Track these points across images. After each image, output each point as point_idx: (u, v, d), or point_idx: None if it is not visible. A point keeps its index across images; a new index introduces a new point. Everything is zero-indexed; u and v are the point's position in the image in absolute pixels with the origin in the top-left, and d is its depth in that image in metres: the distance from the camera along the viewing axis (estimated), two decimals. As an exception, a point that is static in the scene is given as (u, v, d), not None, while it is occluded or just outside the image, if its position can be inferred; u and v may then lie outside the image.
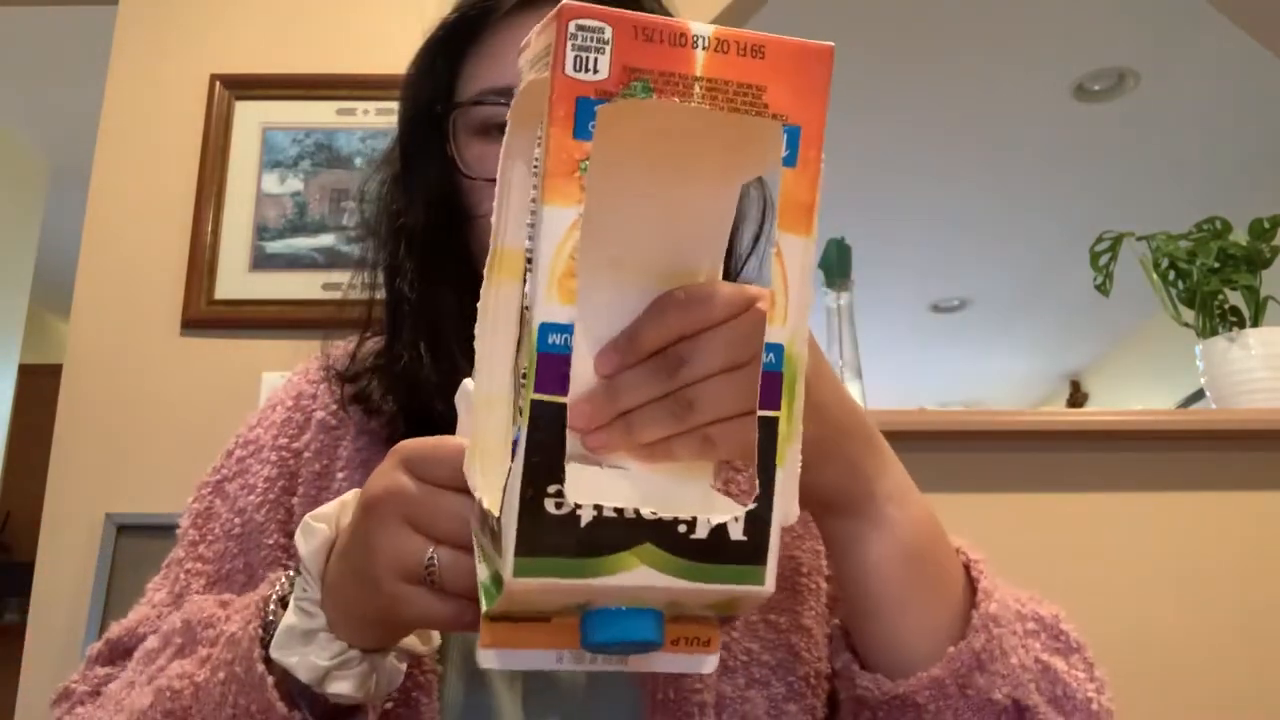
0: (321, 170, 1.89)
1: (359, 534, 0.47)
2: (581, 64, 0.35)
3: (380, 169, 0.75)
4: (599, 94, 0.35)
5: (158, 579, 0.70)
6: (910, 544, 0.53)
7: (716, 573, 0.37)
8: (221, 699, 0.52)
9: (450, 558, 0.44)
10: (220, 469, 0.73)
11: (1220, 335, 1.75)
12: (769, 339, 0.38)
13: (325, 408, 0.71)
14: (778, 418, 0.38)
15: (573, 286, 0.37)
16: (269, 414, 0.73)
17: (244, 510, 0.69)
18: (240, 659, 0.52)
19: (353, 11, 1.97)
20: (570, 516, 0.36)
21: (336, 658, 0.49)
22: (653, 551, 0.37)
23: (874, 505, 0.52)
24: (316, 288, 1.78)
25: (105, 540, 1.70)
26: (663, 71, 0.36)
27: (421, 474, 0.45)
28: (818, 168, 0.38)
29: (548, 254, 0.36)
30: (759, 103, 0.37)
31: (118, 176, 1.89)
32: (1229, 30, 2.42)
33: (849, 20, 2.82)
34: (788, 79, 0.37)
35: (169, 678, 0.55)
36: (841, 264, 1.79)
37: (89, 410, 1.78)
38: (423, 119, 0.70)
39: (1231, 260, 1.76)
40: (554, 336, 0.36)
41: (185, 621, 0.59)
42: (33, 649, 1.68)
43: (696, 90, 0.36)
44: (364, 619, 0.49)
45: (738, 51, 0.37)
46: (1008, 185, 3.75)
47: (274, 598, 0.53)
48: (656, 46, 0.36)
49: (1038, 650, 0.57)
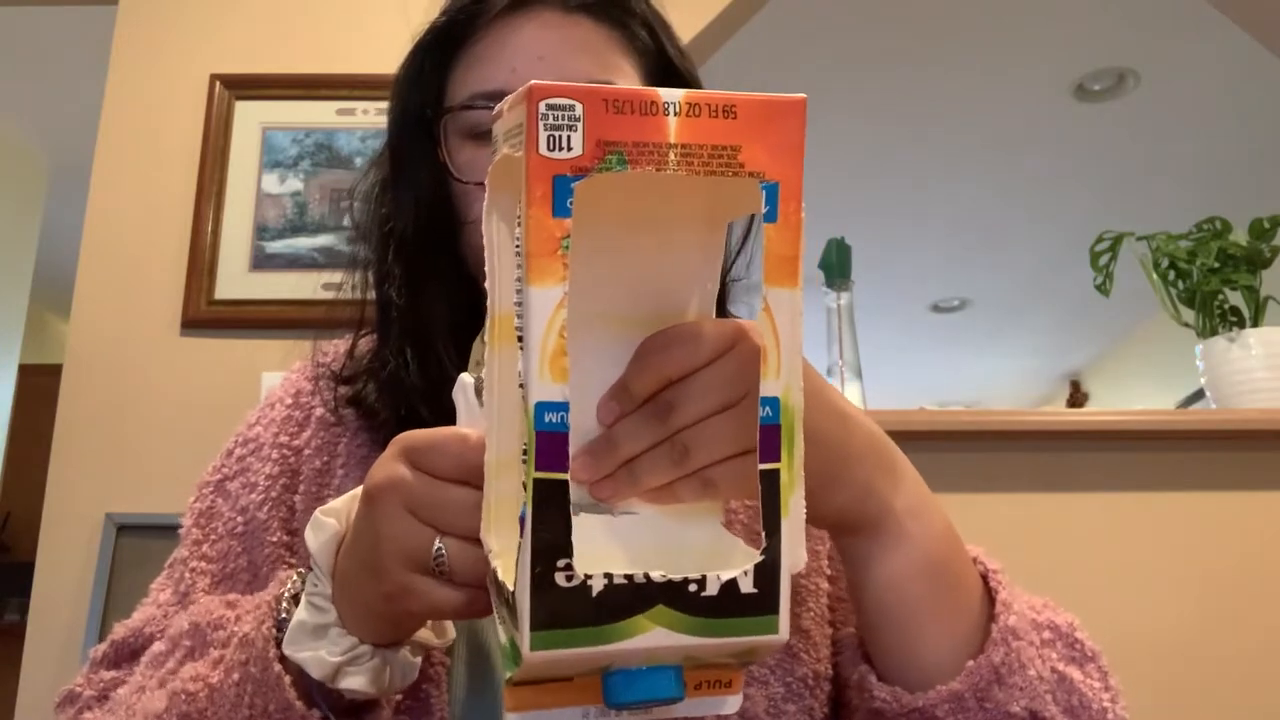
0: (321, 170, 1.89)
1: (364, 525, 0.47)
2: (555, 143, 0.36)
3: (372, 170, 0.75)
4: (575, 170, 0.36)
5: (161, 579, 0.70)
6: (928, 558, 0.53)
7: (730, 626, 0.38)
8: (238, 700, 0.52)
9: (458, 548, 0.44)
10: (221, 468, 0.73)
11: (1220, 335, 1.75)
12: (764, 393, 0.39)
13: (325, 404, 0.71)
14: (779, 469, 0.39)
15: (565, 365, 0.37)
16: (268, 412, 0.73)
17: (246, 509, 0.69)
18: (255, 659, 0.52)
19: (353, 11, 1.97)
20: (581, 588, 0.36)
21: (348, 653, 0.49)
22: (666, 612, 0.37)
23: (890, 522, 0.52)
24: (316, 288, 1.78)
25: (105, 540, 1.70)
26: (636, 142, 0.36)
27: (423, 465, 0.45)
28: (799, 220, 0.38)
29: (538, 333, 0.37)
30: (734, 163, 0.37)
31: (118, 176, 1.89)
32: (1229, 30, 2.42)
33: (849, 20, 2.82)
34: (762, 136, 0.38)
35: (182, 680, 0.55)
36: (841, 264, 1.79)
37: (89, 410, 1.78)
38: (412, 123, 0.70)
39: (1231, 260, 1.76)
40: (550, 415, 0.37)
41: (194, 624, 0.59)
42: (33, 649, 1.68)
43: (671, 157, 0.36)
44: (374, 611, 0.49)
45: (709, 113, 0.37)
46: (1008, 185, 3.75)
47: (286, 595, 0.53)
48: (628, 118, 0.36)
49: (1054, 660, 0.57)
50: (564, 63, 0.66)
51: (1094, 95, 3.18)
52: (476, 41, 0.68)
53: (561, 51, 0.66)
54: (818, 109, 2.56)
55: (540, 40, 0.66)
